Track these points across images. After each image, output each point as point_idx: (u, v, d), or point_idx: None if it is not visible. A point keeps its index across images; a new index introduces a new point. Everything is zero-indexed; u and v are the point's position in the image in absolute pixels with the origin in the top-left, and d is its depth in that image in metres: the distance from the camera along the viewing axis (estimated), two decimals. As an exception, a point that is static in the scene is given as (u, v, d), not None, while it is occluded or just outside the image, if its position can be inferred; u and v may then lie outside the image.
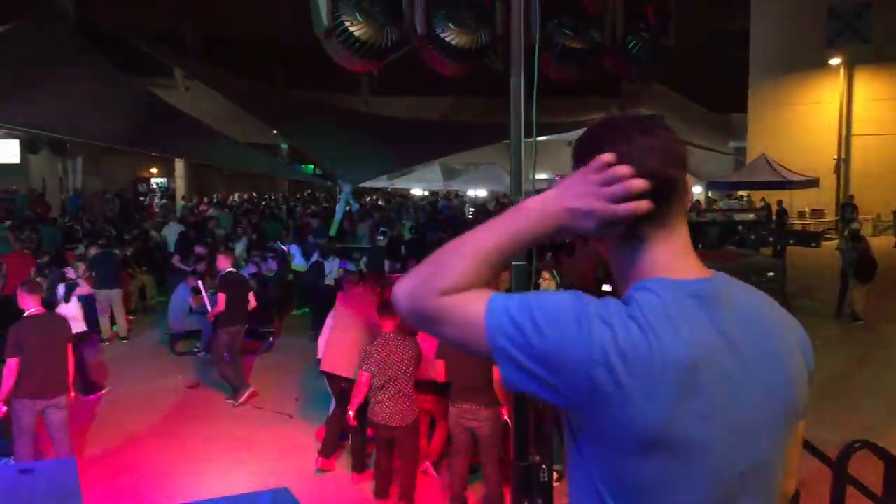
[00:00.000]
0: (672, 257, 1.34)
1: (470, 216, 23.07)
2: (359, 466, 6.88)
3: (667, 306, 1.25)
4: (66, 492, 1.91)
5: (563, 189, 1.30)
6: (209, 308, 9.77)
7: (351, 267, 12.56)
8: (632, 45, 4.02)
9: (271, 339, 11.64)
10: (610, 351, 1.19)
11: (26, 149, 23.34)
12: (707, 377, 1.24)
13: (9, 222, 17.82)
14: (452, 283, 1.26)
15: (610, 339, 1.20)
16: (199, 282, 11.13)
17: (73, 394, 6.70)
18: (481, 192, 29.52)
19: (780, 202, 23.05)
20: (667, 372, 1.20)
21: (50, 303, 8.84)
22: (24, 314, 6.43)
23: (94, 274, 11.39)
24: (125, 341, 11.91)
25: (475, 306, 1.26)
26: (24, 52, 15.41)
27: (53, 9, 18.19)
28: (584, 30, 3.52)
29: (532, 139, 3.36)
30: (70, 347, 6.62)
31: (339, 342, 7.06)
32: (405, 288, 1.31)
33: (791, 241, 18.95)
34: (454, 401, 5.99)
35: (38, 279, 9.50)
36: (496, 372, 5.77)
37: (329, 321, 7.51)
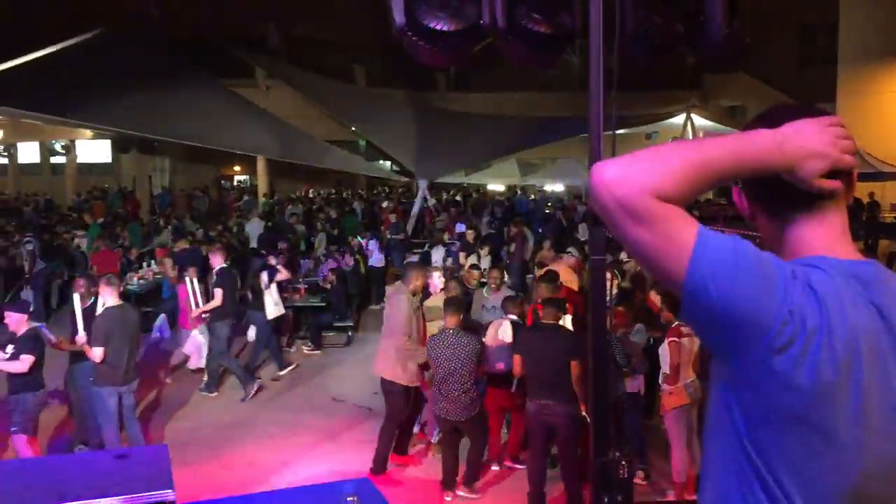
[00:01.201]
0: (832, 238, 1.36)
1: (547, 211, 22.91)
2: (400, 449, 6.99)
3: (835, 283, 1.26)
4: (160, 477, 1.99)
5: (797, 132, 1.31)
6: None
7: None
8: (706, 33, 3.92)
9: (350, 333, 11.81)
10: (796, 313, 1.20)
11: (117, 149, 24.30)
12: (867, 357, 1.24)
13: (101, 220, 18.55)
14: (668, 186, 1.20)
15: (798, 303, 1.20)
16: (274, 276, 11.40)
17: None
18: (558, 187, 29.28)
19: (871, 194, 22.12)
20: (835, 347, 1.21)
21: (256, 289, 9.80)
22: (106, 306, 6.71)
23: (178, 268, 11.77)
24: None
25: (687, 226, 1.21)
26: (114, 55, 16.05)
27: (139, 13, 18.89)
28: (666, 19, 3.46)
29: (611, 132, 3.31)
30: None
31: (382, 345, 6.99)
32: (616, 172, 1.22)
33: (883, 235, 18.16)
34: (531, 396, 5.98)
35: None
36: (575, 367, 5.73)
37: None
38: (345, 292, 12.06)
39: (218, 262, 9.60)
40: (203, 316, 9.33)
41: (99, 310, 6.74)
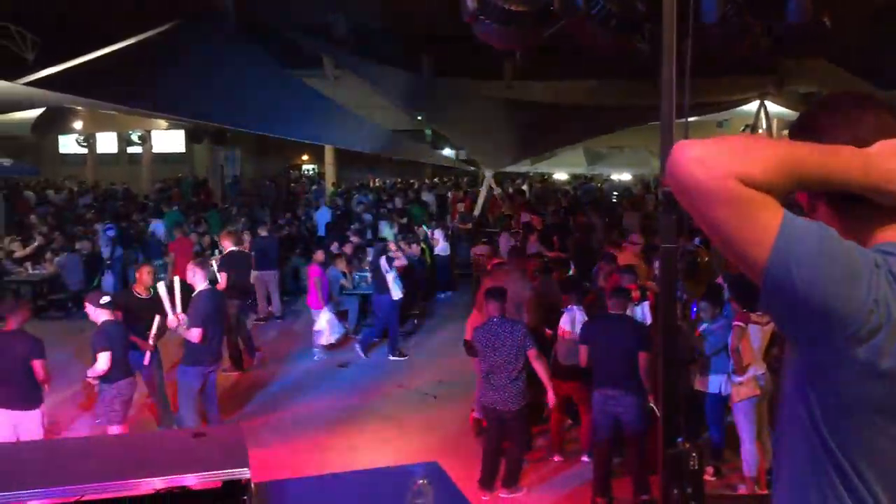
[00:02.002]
0: None
1: (614, 200, 22.64)
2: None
3: None
4: (235, 455, 2.04)
5: (881, 154, 1.27)
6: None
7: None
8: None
9: (416, 321, 11.90)
10: (881, 302, 1.17)
11: (191, 139, 24.88)
12: None
13: (175, 207, 19.07)
14: (754, 173, 1.16)
15: (882, 292, 1.18)
16: (344, 265, 11.60)
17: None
18: (626, 176, 28.88)
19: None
20: None
21: (378, 275, 10.30)
22: (199, 289, 6.90)
23: (255, 255, 12.07)
24: (279, 320, 12.50)
25: (771, 210, 1.18)
26: (188, 46, 16.44)
27: (213, 4, 19.25)
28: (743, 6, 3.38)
29: (683, 119, 3.26)
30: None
31: None
32: (698, 153, 1.18)
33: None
34: (598, 386, 5.93)
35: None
36: (642, 357, 5.67)
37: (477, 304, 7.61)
38: (411, 281, 12.14)
39: (227, 245, 10.23)
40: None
41: (174, 293, 6.90)
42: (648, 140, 25.31)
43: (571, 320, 6.74)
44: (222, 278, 9.47)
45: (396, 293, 10.39)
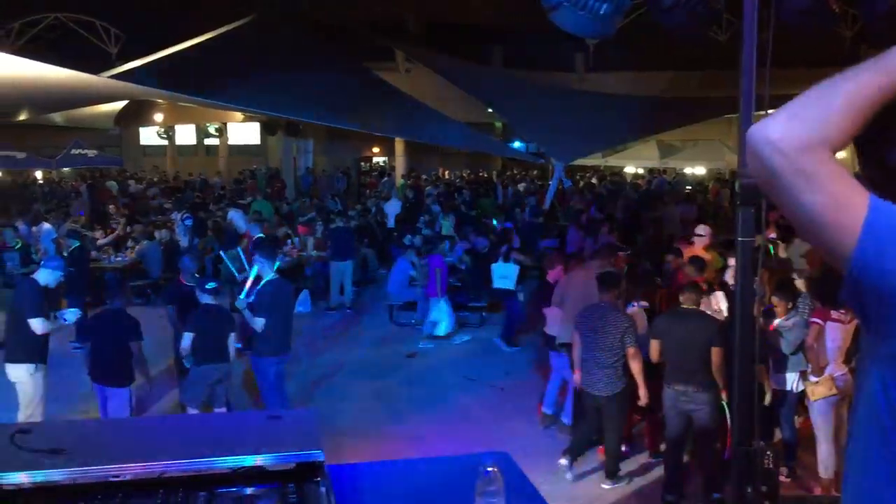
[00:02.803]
0: None
1: (686, 193, 22.19)
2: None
3: None
4: (310, 438, 2.09)
5: None
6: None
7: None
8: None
9: (483, 313, 11.90)
10: None
11: (265, 131, 25.39)
12: None
13: (249, 199, 19.51)
14: (834, 134, 1.11)
15: None
16: (415, 255, 11.69)
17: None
18: (700, 170, 28.29)
19: None
20: None
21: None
22: (265, 279, 7.06)
23: (330, 245, 12.30)
24: (350, 310, 12.67)
25: (857, 193, 1.12)
26: (264, 41, 16.78)
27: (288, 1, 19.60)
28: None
29: (763, 112, 3.18)
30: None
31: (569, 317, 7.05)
32: (780, 129, 1.13)
33: None
34: (669, 382, 5.85)
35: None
36: (716, 353, 5.56)
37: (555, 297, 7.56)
38: (479, 273, 12.14)
39: (255, 233, 11.03)
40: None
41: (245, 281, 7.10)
42: (722, 133, 24.72)
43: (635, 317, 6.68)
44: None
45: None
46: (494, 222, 15.06)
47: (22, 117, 18.88)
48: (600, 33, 3.50)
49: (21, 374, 6.41)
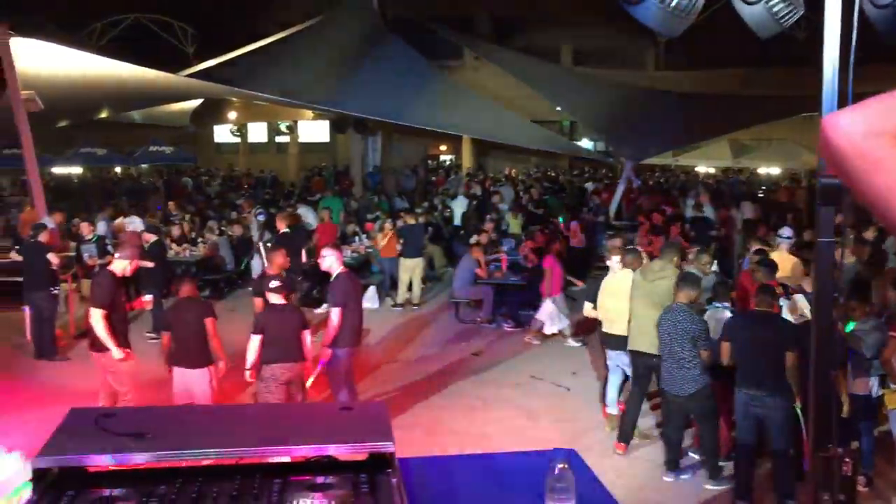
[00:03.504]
0: None
1: (761, 195, 21.65)
2: (624, 437, 6.87)
3: None
4: (380, 429, 2.12)
5: None
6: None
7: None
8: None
9: (549, 313, 11.83)
10: None
11: (334, 129, 25.71)
12: None
13: (318, 196, 19.81)
14: None
15: None
16: (480, 254, 11.70)
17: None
18: (774, 170, 27.53)
19: None
20: None
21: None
22: (338, 272, 7.15)
23: (402, 242, 12.42)
24: (416, 307, 12.75)
25: None
26: (335, 39, 17.00)
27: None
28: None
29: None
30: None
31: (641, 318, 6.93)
32: (852, 116, 1.13)
33: None
34: (741, 386, 5.71)
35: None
36: (790, 357, 5.42)
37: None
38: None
39: (282, 227, 11.37)
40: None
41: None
42: (797, 132, 24.01)
43: (715, 321, 6.55)
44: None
45: None
46: (561, 220, 14.94)
47: (103, 115, 19.54)
48: (679, 29, 3.44)
49: (105, 361, 6.69)
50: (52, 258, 9.74)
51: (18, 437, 5.68)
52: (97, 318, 6.58)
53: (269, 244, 11.21)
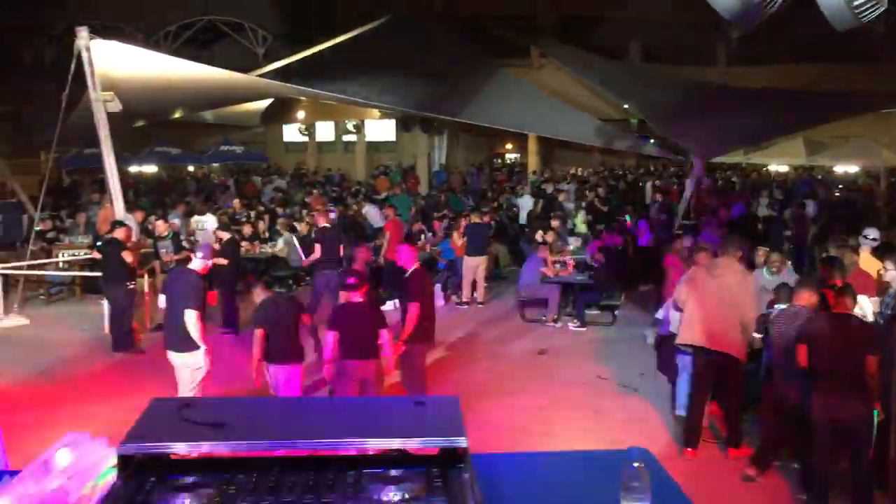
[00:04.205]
0: None
1: (837, 193, 20.99)
2: (734, 442, 6.72)
3: None
4: (453, 424, 2.13)
5: None
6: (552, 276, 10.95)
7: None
8: None
9: (616, 312, 11.70)
10: None
11: (401, 128, 25.89)
12: None
13: (384, 194, 19.98)
14: None
15: None
16: (547, 253, 11.64)
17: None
18: (851, 168, 26.63)
19: None
20: None
21: None
22: (412, 269, 7.20)
23: (467, 241, 12.46)
24: (481, 306, 12.76)
25: None
26: (400, 39, 17.13)
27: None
28: None
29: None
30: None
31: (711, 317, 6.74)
32: None
33: None
34: (817, 391, 5.52)
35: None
36: (871, 362, 5.24)
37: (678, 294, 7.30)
38: (612, 271, 11.96)
39: (321, 221, 11.59)
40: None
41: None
42: (875, 129, 23.18)
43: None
44: (316, 250, 11.06)
45: None
46: (628, 218, 14.76)
47: (176, 115, 20.07)
48: (755, 22, 3.36)
49: (184, 360, 6.83)
50: (126, 255, 10.01)
51: (99, 424, 5.91)
52: (194, 319, 6.68)
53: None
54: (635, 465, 1.98)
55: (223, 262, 10.74)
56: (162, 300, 7.01)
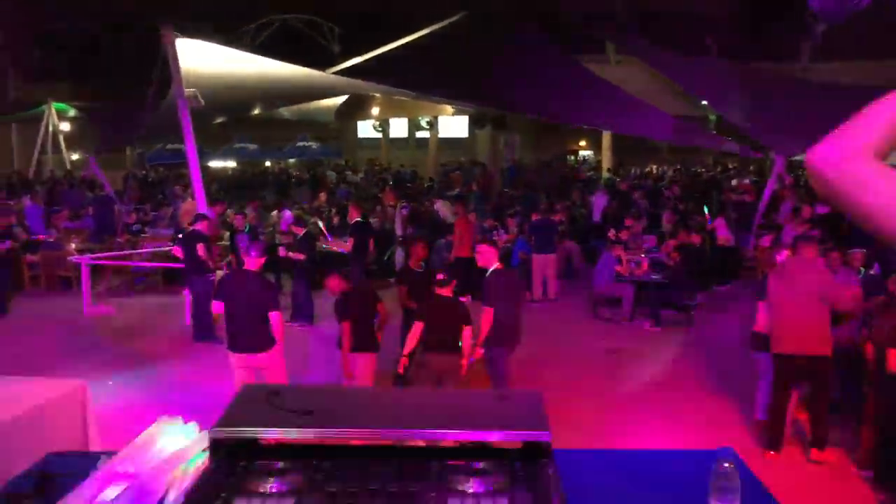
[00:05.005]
0: None
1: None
2: (819, 443, 6.53)
3: None
4: (536, 419, 2.13)
5: None
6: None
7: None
8: None
9: (692, 313, 11.48)
10: None
11: (474, 124, 25.97)
12: None
13: (456, 190, 20.04)
14: (875, 144, 1.21)
15: None
16: (622, 250, 11.50)
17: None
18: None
19: None
20: None
21: None
22: (492, 269, 7.19)
23: (534, 238, 12.40)
24: (554, 303, 12.67)
25: None
26: (475, 36, 17.14)
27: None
28: None
29: None
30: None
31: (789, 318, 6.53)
32: (823, 149, 1.25)
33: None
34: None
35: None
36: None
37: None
38: (689, 270, 11.72)
39: (354, 217, 11.89)
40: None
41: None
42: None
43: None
44: (349, 243, 11.45)
45: None
46: (706, 212, 14.46)
47: (255, 112, 20.55)
48: (844, 15, 3.25)
49: (260, 361, 6.91)
50: (200, 248, 10.21)
51: (181, 410, 6.07)
52: (279, 320, 6.74)
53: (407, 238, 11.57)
54: (725, 464, 1.95)
55: (300, 257, 10.95)
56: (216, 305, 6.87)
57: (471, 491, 1.99)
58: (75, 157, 29.32)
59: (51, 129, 26.98)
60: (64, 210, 16.06)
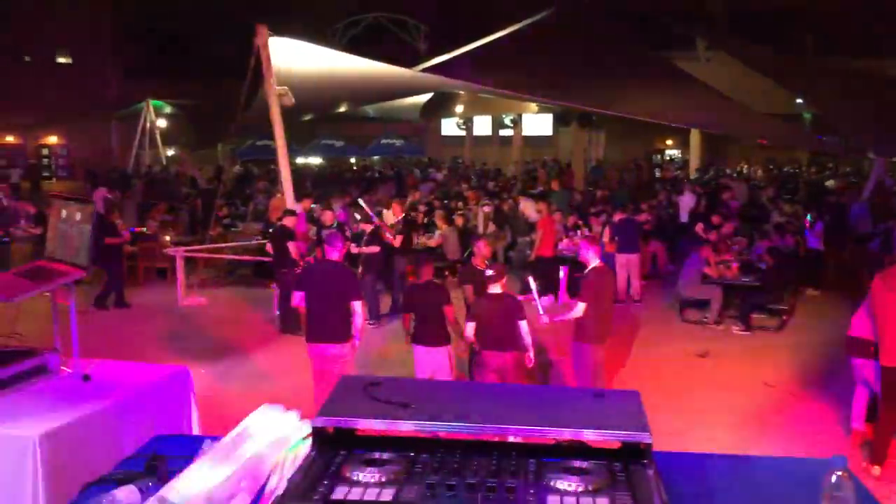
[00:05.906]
0: None
1: None
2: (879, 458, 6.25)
3: None
4: (635, 419, 2.12)
5: None
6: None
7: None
8: None
9: (783, 317, 11.12)
10: None
11: (558, 122, 25.77)
12: None
13: (540, 188, 19.93)
14: None
15: None
16: (710, 252, 11.22)
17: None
18: None
19: None
20: None
21: None
22: (592, 266, 7.16)
23: (616, 238, 12.22)
24: (637, 303, 12.47)
25: None
26: (564, 33, 16.97)
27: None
28: None
29: None
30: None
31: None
32: None
33: None
34: None
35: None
36: None
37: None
38: (781, 273, 11.36)
39: (399, 214, 12.28)
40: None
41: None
42: None
43: None
44: (398, 240, 11.50)
45: None
46: (808, 218, 13.98)
47: (341, 109, 20.88)
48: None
49: (339, 350, 7.00)
50: (291, 246, 10.44)
51: (272, 399, 6.22)
52: (361, 309, 6.83)
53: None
54: (839, 473, 1.88)
55: (374, 249, 11.12)
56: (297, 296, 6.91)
57: (570, 489, 1.98)
58: (171, 152, 30.44)
59: (148, 125, 28.09)
60: (161, 204, 16.67)
